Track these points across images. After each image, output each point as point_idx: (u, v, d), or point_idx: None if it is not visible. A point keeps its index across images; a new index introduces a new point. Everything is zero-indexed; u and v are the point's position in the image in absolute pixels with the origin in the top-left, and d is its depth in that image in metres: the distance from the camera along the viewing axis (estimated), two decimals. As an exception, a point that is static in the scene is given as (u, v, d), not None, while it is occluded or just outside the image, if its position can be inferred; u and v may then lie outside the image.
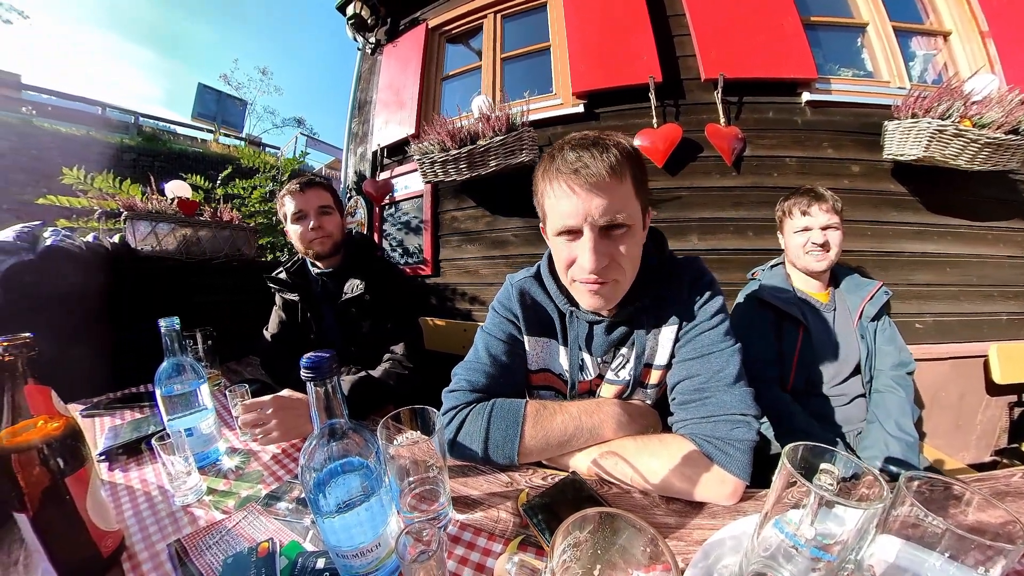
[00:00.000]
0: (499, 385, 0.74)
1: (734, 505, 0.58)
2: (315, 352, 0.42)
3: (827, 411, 1.15)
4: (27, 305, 1.14)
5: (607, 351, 0.76)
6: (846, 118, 1.78)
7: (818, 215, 1.13)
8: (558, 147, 0.62)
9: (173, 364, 0.75)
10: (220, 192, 2.26)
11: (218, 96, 12.57)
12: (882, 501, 0.32)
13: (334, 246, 1.20)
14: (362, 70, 3.11)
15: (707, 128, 1.79)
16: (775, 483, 0.37)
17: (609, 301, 0.66)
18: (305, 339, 1.26)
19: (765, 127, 1.82)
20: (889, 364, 1.13)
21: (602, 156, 0.57)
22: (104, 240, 1.47)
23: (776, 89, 1.81)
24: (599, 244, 0.59)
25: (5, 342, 0.47)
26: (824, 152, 1.79)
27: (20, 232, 1.26)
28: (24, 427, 0.48)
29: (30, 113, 7.17)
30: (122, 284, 1.37)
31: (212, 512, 0.64)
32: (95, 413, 1.02)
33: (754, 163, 1.82)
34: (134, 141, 7.72)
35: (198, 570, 0.52)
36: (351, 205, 2.90)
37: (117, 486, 0.72)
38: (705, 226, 1.86)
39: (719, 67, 1.77)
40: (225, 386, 1.10)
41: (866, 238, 1.75)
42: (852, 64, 1.93)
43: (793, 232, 1.18)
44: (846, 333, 1.16)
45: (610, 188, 0.57)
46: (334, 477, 0.45)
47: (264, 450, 0.83)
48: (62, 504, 0.49)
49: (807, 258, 1.16)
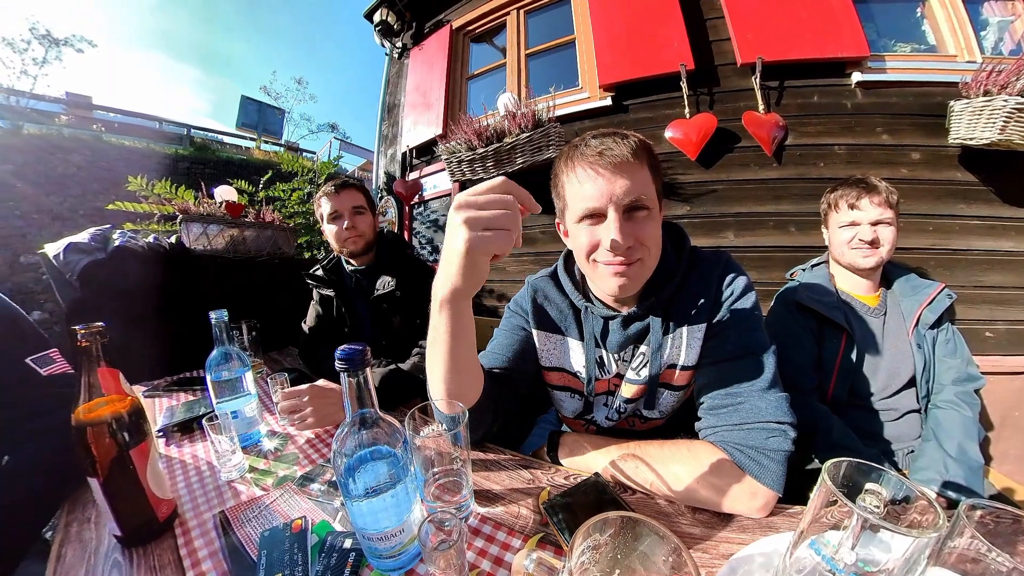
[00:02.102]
0: (508, 369, 0.76)
1: (765, 520, 0.55)
2: (349, 345, 0.44)
3: (873, 426, 1.04)
4: (99, 298, 1.27)
5: (624, 347, 0.74)
6: (904, 99, 1.62)
7: (868, 209, 1.01)
8: (579, 140, 0.63)
9: (222, 352, 0.81)
10: (263, 195, 2.41)
11: (259, 107, 13.45)
12: (937, 530, 0.29)
13: (367, 245, 1.26)
14: (390, 74, 3.20)
15: (744, 116, 1.70)
16: (813, 500, 0.34)
17: (634, 283, 0.64)
18: (340, 332, 1.33)
19: (809, 113, 1.69)
20: (951, 378, 1.00)
21: (624, 141, 0.60)
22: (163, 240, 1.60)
23: (822, 71, 1.67)
24: (624, 225, 0.59)
25: (83, 330, 0.54)
26: (878, 138, 1.64)
27: (94, 234, 1.41)
28: (97, 404, 0.55)
29: (100, 130, 8.07)
30: (178, 280, 1.50)
31: (253, 488, 0.70)
32: (154, 394, 1.13)
33: (797, 153, 1.70)
34: (187, 151, 8.49)
35: (239, 540, 0.56)
36: (382, 205, 3.00)
37: (172, 460, 0.79)
38: (743, 222, 1.76)
39: (757, 50, 1.66)
40: (267, 374, 1.17)
41: (927, 234, 1.58)
42: (910, 38, 1.75)
43: (838, 227, 1.07)
44: (898, 341, 1.04)
45: (632, 169, 0.59)
46: (363, 463, 0.47)
47: (300, 434, 0.88)
48: (127, 472, 0.55)
49: (852, 254, 1.04)
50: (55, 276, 1.34)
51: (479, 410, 0.65)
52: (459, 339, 0.56)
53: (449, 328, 0.55)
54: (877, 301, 1.09)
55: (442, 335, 0.55)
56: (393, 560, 0.49)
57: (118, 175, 2.55)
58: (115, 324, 0.61)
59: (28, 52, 10.61)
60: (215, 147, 9.94)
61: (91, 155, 6.79)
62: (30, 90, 9.77)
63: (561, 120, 1.99)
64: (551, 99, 1.92)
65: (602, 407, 0.82)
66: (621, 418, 0.81)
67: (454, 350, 0.57)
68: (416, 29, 2.97)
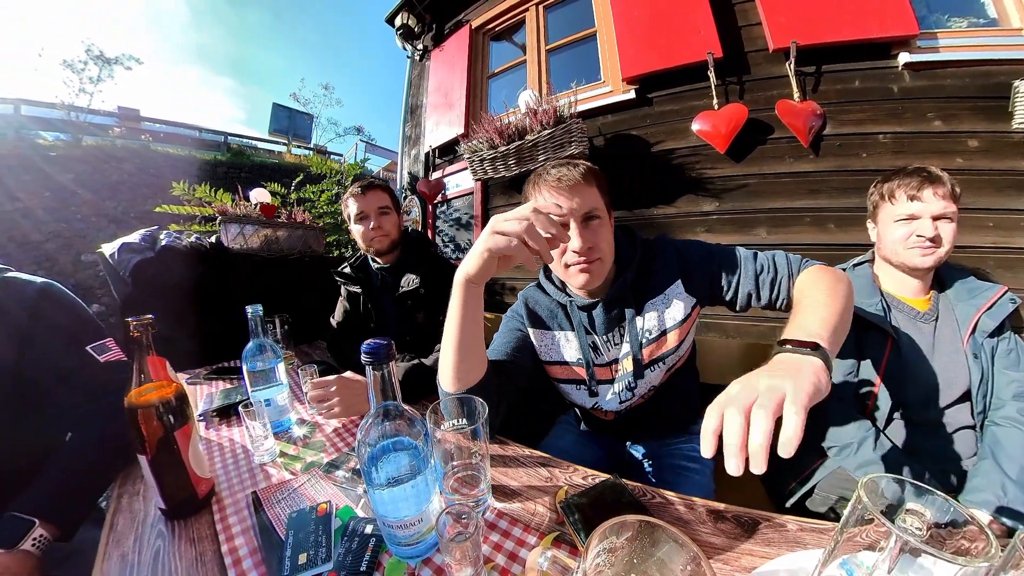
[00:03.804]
0: (507, 362, 0.86)
1: (792, 534, 0.52)
2: (374, 339, 0.46)
3: (920, 442, 0.93)
4: (148, 293, 1.38)
5: (611, 328, 0.86)
6: (959, 80, 1.48)
7: (931, 201, 0.90)
8: (541, 169, 0.79)
9: (257, 344, 0.86)
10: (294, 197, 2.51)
11: (289, 113, 14.10)
12: (988, 559, 0.25)
13: (392, 244, 1.29)
14: (412, 77, 3.26)
15: (778, 105, 1.60)
16: (846, 517, 0.32)
17: (596, 277, 0.78)
18: (366, 327, 1.37)
19: (850, 99, 1.58)
20: (1013, 393, 0.88)
21: (575, 169, 0.75)
22: (204, 240, 1.71)
23: (864, 53, 1.54)
24: (583, 231, 0.74)
25: (135, 321, 0.59)
26: (929, 125, 1.51)
27: (143, 235, 1.54)
28: (147, 389, 0.60)
29: (148, 140, 8.77)
30: (216, 276, 1.60)
31: (283, 472, 0.73)
32: (196, 381, 1.21)
33: (836, 143, 1.59)
34: (224, 157, 9.09)
35: (269, 519, 0.60)
36: (406, 204, 3.07)
37: (211, 442, 0.85)
38: (776, 218, 1.67)
39: (791, 34, 1.56)
40: (297, 365, 1.23)
41: (987, 230, 1.42)
42: (967, 11, 1.59)
43: (894, 221, 0.96)
44: (951, 350, 0.93)
45: (583, 189, 0.75)
46: (386, 453, 0.48)
47: (328, 423, 0.92)
48: (171, 452, 0.60)
49: (909, 253, 0.94)
50: (110, 273, 1.47)
51: (484, 386, 0.71)
52: (466, 319, 0.66)
53: (459, 308, 0.66)
54: (928, 305, 0.98)
55: (453, 314, 0.66)
56: (411, 548, 0.51)
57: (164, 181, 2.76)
58: (162, 317, 0.66)
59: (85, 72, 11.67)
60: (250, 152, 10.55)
61: (140, 163, 7.43)
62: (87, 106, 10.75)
63: (583, 115, 1.96)
64: (572, 94, 1.89)
65: (610, 394, 0.89)
66: (635, 397, 0.88)
67: (461, 328, 0.67)
68: (436, 31, 3.00)
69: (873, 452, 0.87)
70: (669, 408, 0.95)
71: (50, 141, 7.14)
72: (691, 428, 1.01)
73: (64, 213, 6.20)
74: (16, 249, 5.56)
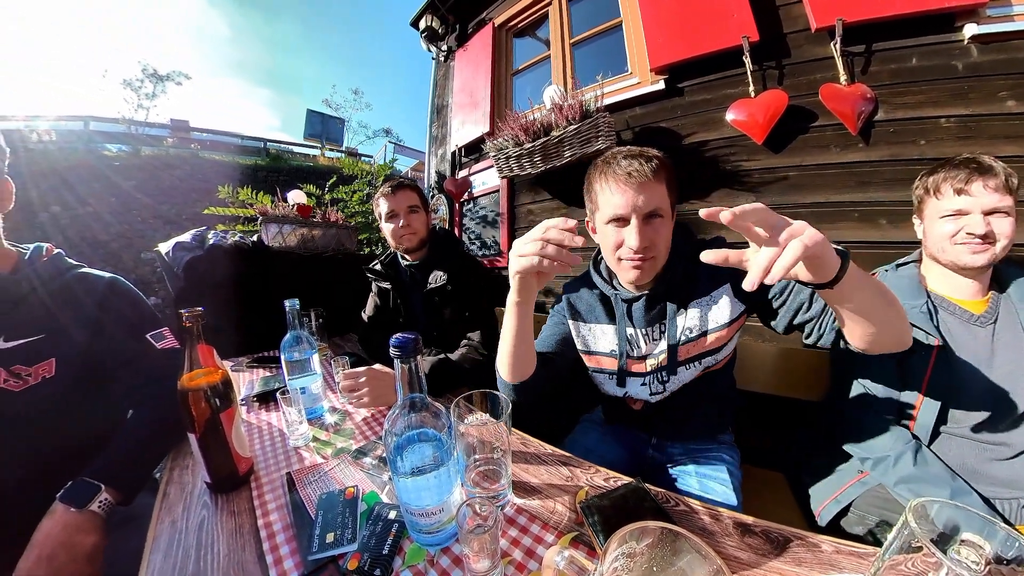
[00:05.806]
0: (553, 353, 0.91)
1: (827, 555, 0.48)
2: (402, 333, 0.47)
3: (974, 464, 0.82)
4: (198, 287, 1.50)
5: (651, 324, 0.86)
6: (1040, 54, 1.32)
7: (981, 195, 0.81)
8: (612, 155, 0.78)
9: (294, 336, 0.91)
10: (328, 197, 2.63)
11: (322, 118, 14.80)
12: None
13: (420, 242, 1.33)
14: (437, 77, 3.30)
15: (822, 90, 1.48)
16: (890, 541, 0.30)
17: (646, 275, 0.79)
18: (395, 322, 1.42)
19: (906, 80, 1.43)
20: None
21: (647, 163, 0.73)
22: (246, 239, 1.83)
23: (922, 27, 1.39)
24: (643, 229, 0.74)
25: (187, 313, 0.64)
26: (1001, 106, 1.34)
27: (194, 235, 1.67)
28: (197, 374, 0.65)
29: (196, 148, 9.58)
30: (258, 272, 1.70)
31: (315, 456, 0.78)
32: (239, 369, 1.31)
33: (890, 129, 1.46)
34: (264, 161, 9.78)
35: (301, 498, 0.64)
36: (434, 203, 3.13)
37: (251, 425, 0.91)
38: (820, 213, 1.55)
39: (835, 11, 1.43)
40: (330, 357, 1.28)
41: None
42: None
43: (939, 217, 0.87)
44: (1015, 358, 0.82)
45: (652, 186, 0.73)
46: (411, 444, 0.50)
47: (357, 412, 0.96)
48: (217, 432, 0.65)
49: (956, 250, 0.84)
50: (166, 269, 1.60)
51: (534, 380, 0.81)
52: (517, 335, 0.74)
53: (512, 326, 0.73)
54: (985, 307, 0.86)
55: (507, 329, 0.74)
56: (432, 536, 0.52)
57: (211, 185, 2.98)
58: (210, 309, 0.72)
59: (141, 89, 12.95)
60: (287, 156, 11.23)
61: (190, 169, 8.16)
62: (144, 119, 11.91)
63: (610, 109, 1.91)
64: (599, 88, 1.85)
65: (640, 385, 0.90)
66: (665, 392, 0.89)
67: (515, 341, 0.75)
68: (460, 31, 3.02)
69: (914, 467, 0.79)
70: (699, 409, 0.93)
71: (114, 152, 7.92)
72: (720, 437, 0.97)
73: (127, 216, 6.86)
74: (88, 248, 6.19)
